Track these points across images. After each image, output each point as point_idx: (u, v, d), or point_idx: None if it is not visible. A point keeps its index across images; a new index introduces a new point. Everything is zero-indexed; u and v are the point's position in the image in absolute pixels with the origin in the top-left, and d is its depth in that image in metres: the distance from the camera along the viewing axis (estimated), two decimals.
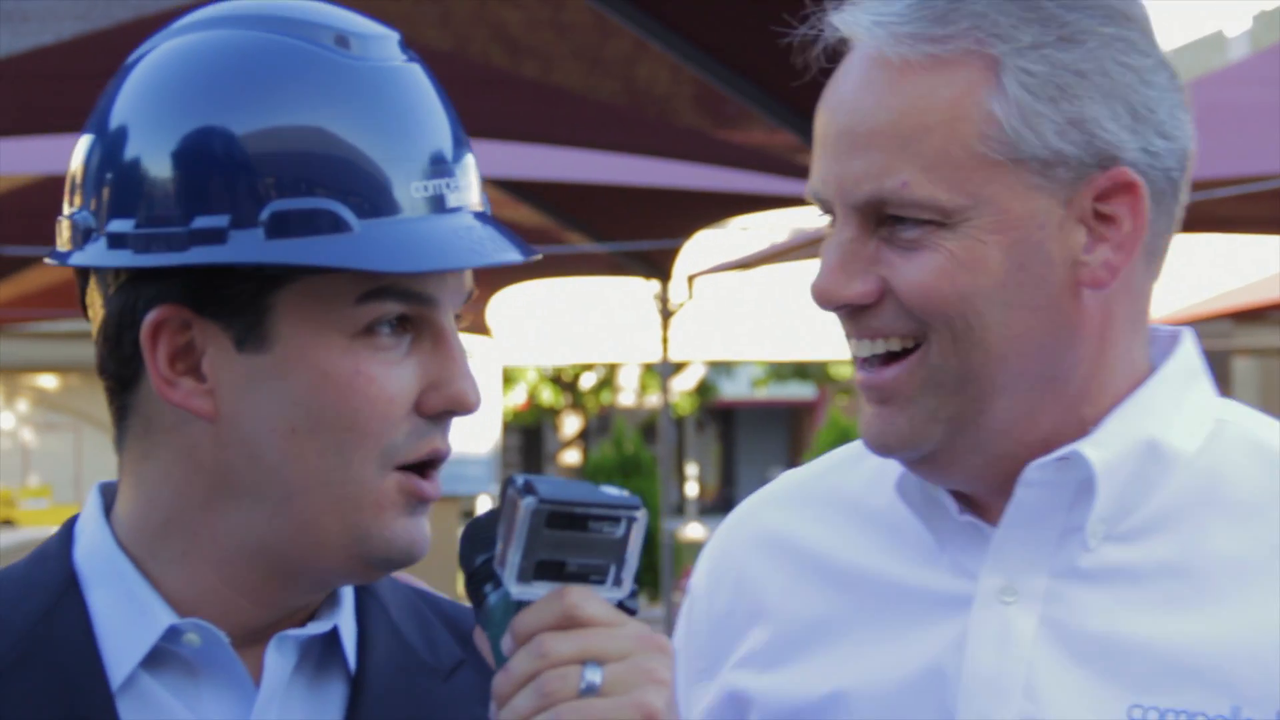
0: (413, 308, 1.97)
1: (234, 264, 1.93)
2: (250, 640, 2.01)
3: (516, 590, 1.85)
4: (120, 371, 2.00)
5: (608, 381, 38.65)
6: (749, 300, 24.92)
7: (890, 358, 2.10)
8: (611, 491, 1.88)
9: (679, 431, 36.96)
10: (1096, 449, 2.08)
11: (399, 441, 1.97)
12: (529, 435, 47.31)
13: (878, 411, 2.12)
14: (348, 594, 2.10)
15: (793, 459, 41.70)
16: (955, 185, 2.03)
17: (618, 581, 1.88)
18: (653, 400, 29.70)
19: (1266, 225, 18.23)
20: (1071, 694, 2.08)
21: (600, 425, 41.98)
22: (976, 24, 2.03)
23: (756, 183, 13.78)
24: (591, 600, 1.85)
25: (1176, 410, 2.15)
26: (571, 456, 43.08)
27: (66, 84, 8.90)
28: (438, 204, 1.98)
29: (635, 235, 16.71)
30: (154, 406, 2.00)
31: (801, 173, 12.72)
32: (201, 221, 1.92)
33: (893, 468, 2.18)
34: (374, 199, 1.94)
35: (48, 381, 38.83)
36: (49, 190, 12.22)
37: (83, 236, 1.99)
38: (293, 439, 1.95)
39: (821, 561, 2.29)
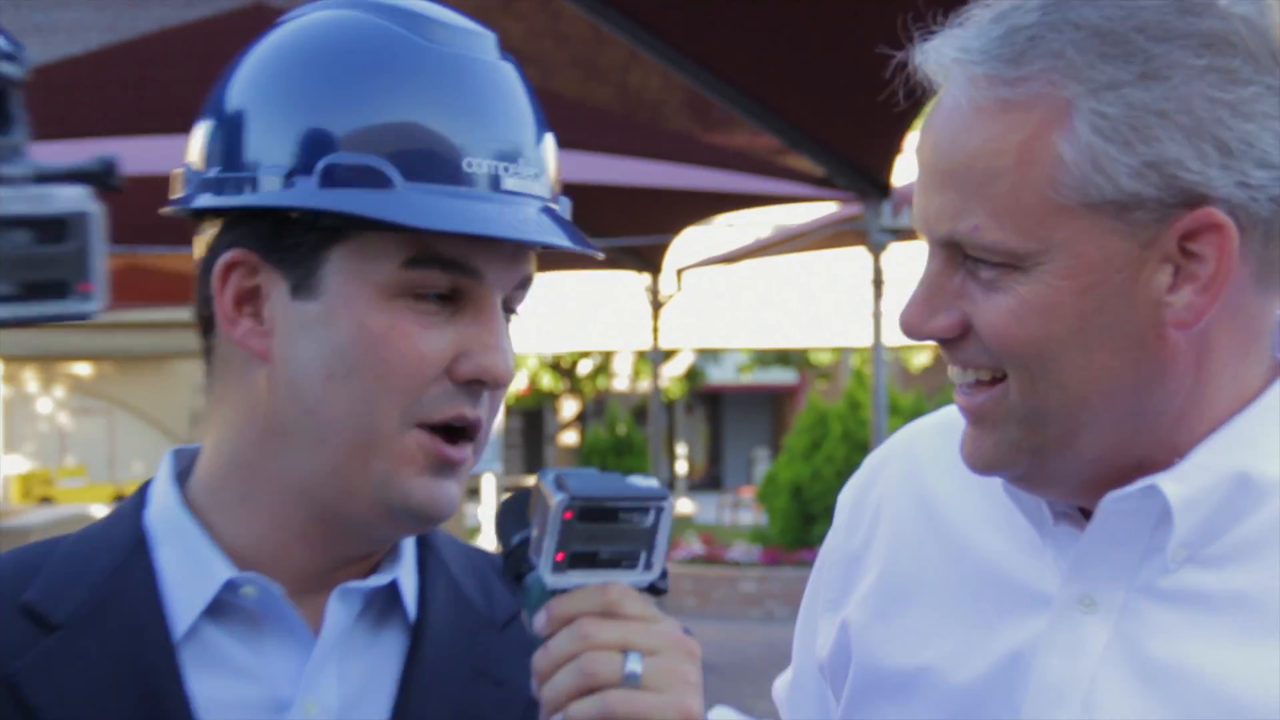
0: (458, 279, 1.96)
1: (280, 206, 1.96)
2: (310, 589, 2.02)
3: (551, 580, 1.82)
4: (202, 312, 2.04)
5: (603, 368, 38.23)
6: (734, 292, 24.58)
7: (980, 384, 2.01)
8: (640, 483, 1.84)
9: (669, 414, 36.65)
10: (1176, 483, 1.96)
11: (425, 401, 1.95)
12: (530, 417, 46.57)
13: (970, 433, 2.04)
14: (409, 549, 2.09)
15: (775, 440, 41.30)
16: (1025, 230, 1.91)
17: (648, 566, 1.85)
18: (644, 385, 29.34)
19: None
20: (1125, 712, 1.99)
21: (596, 408, 41.62)
22: (1053, 64, 1.90)
23: (741, 182, 13.71)
24: (632, 596, 1.83)
25: (1278, 435, 2.00)
26: (569, 437, 42.63)
27: (95, 91, 8.81)
28: (493, 183, 1.96)
29: (628, 231, 16.63)
30: (227, 349, 2.03)
31: (781, 173, 12.79)
32: (266, 168, 1.96)
33: None
34: (423, 165, 1.94)
35: (82, 369, 38.38)
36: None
37: (187, 186, 2.05)
38: (329, 384, 1.95)
39: (941, 517, 2.24)
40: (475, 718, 2.06)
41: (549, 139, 2.05)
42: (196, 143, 2.05)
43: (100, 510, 32.51)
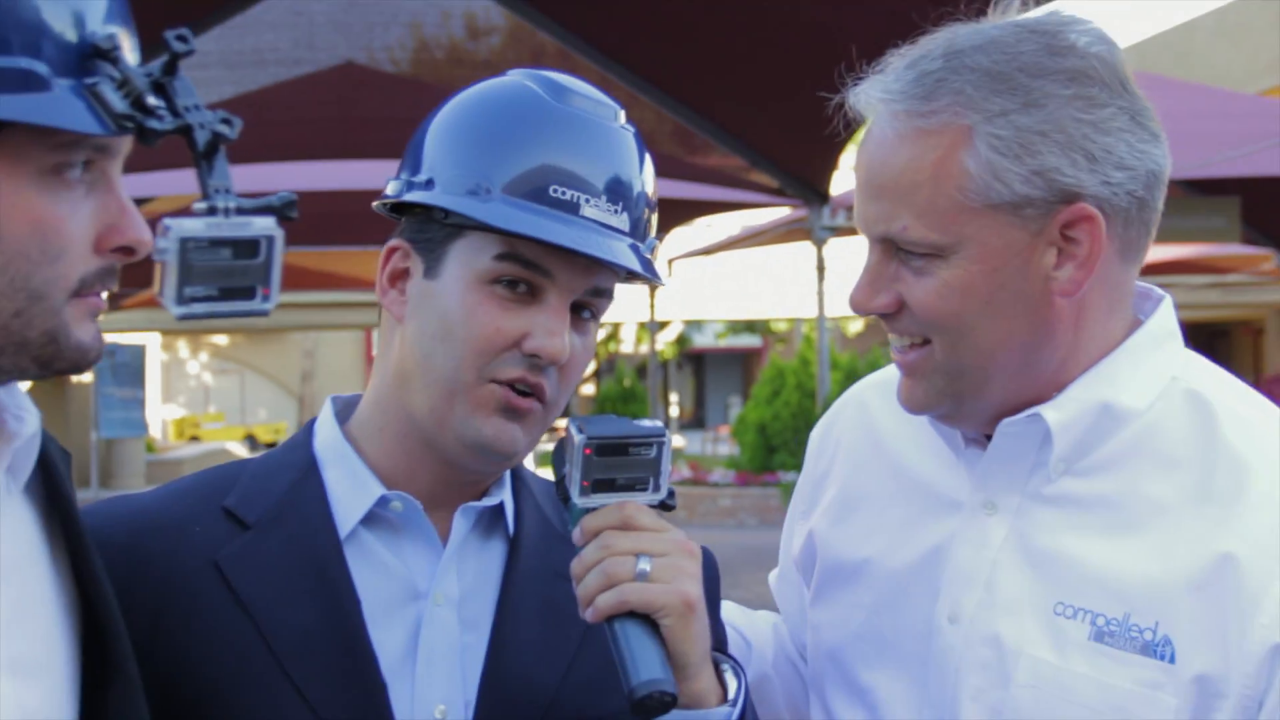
0: (534, 276, 1.94)
1: (428, 205, 1.97)
2: (437, 506, 2.01)
3: (580, 502, 1.87)
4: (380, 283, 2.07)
5: (612, 335, 38.28)
6: (712, 275, 24.67)
7: (912, 346, 2.00)
8: (644, 424, 1.89)
9: (664, 371, 36.58)
10: (1054, 411, 1.97)
11: (497, 363, 1.94)
12: None
13: (905, 384, 2.05)
14: (507, 480, 2.08)
15: (745, 389, 41.35)
16: (943, 228, 1.92)
17: (656, 488, 1.88)
18: (644, 348, 29.36)
19: None
20: (1017, 590, 2.00)
21: (608, 367, 41.52)
22: (956, 99, 1.91)
23: (716, 193, 13.66)
24: (644, 512, 1.86)
25: (1134, 373, 2.01)
26: (588, 389, 42.69)
27: (280, 114, 8.57)
28: (571, 207, 1.95)
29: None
30: (386, 315, 2.05)
31: (748, 186, 12.73)
32: (420, 176, 1.98)
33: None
34: (523, 187, 1.94)
35: (220, 340, 38.51)
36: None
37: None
38: (433, 343, 1.96)
39: (884, 446, 2.23)
40: (555, 608, 2.04)
41: (645, 190, 2.05)
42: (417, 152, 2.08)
43: (234, 445, 32.57)
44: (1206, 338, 33.74)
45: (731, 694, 1.92)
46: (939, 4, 2.08)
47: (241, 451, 31.80)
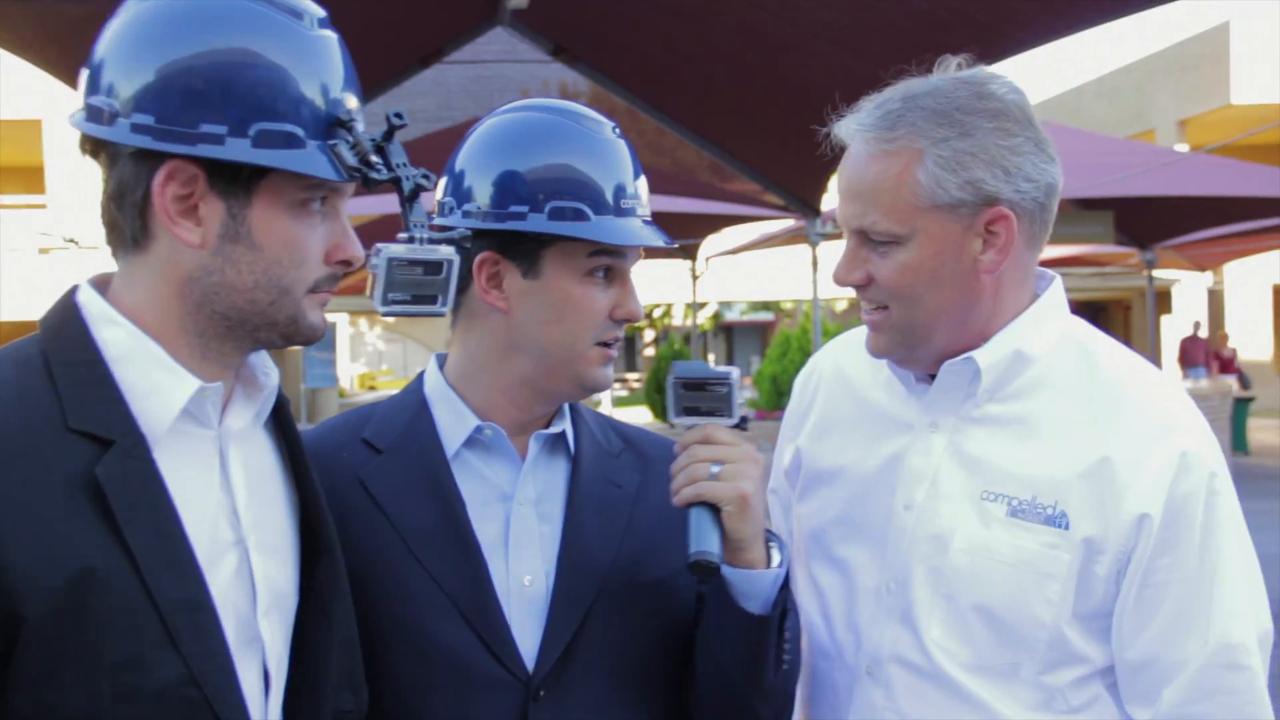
0: (614, 261, 1.97)
1: (529, 231, 1.93)
2: (517, 434, 2.02)
3: (675, 422, 1.94)
4: (460, 284, 1.96)
5: (665, 312, 38.44)
6: (738, 269, 24.80)
7: (877, 309, 2.01)
8: (718, 368, 1.92)
9: (703, 339, 36.78)
10: (982, 355, 2.00)
11: (599, 331, 1.97)
12: (627, 340, 47.16)
13: (871, 336, 2.06)
14: (567, 413, 2.08)
15: (762, 351, 41.56)
16: (901, 222, 1.94)
17: (730, 415, 1.91)
18: (689, 322, 29.52)
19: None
20: (954, 484, 2.02)
21: (662, 335, 41.69)
22: (911, 130, 1.93)
23: (739, 209, 13.69)
24: (721, 431, 1.90)
25: (1036, 330, 2.03)
26: (649, 352, 43.03)
27: (427, 156, 8.58)
28: (626, 210, 1.96)
29: (678, 236, 16.61)
30: (475, 305, 2.00)
31: (762, 204, 12.59)
32: (513, 209, 1.93)
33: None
34: (598, 203, 1.94)
35: (388, 318, 38.79)
36: (384, 223, 12.19)
37: (443, 212, 2.02)
38: (547, 325, 1.96)
39: (852, 386, 2.22)
40: (608, 505, 2.04)
41: (644, 180, 2.04)
42: (447, 191, 2.03)
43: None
44: (1090, 313, 33.94)
45: (775, 563, 1.94)
46: (898, 64, 2.09)
47: None
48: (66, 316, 1.59)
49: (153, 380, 1.56)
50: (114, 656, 1.44)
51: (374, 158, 1.58)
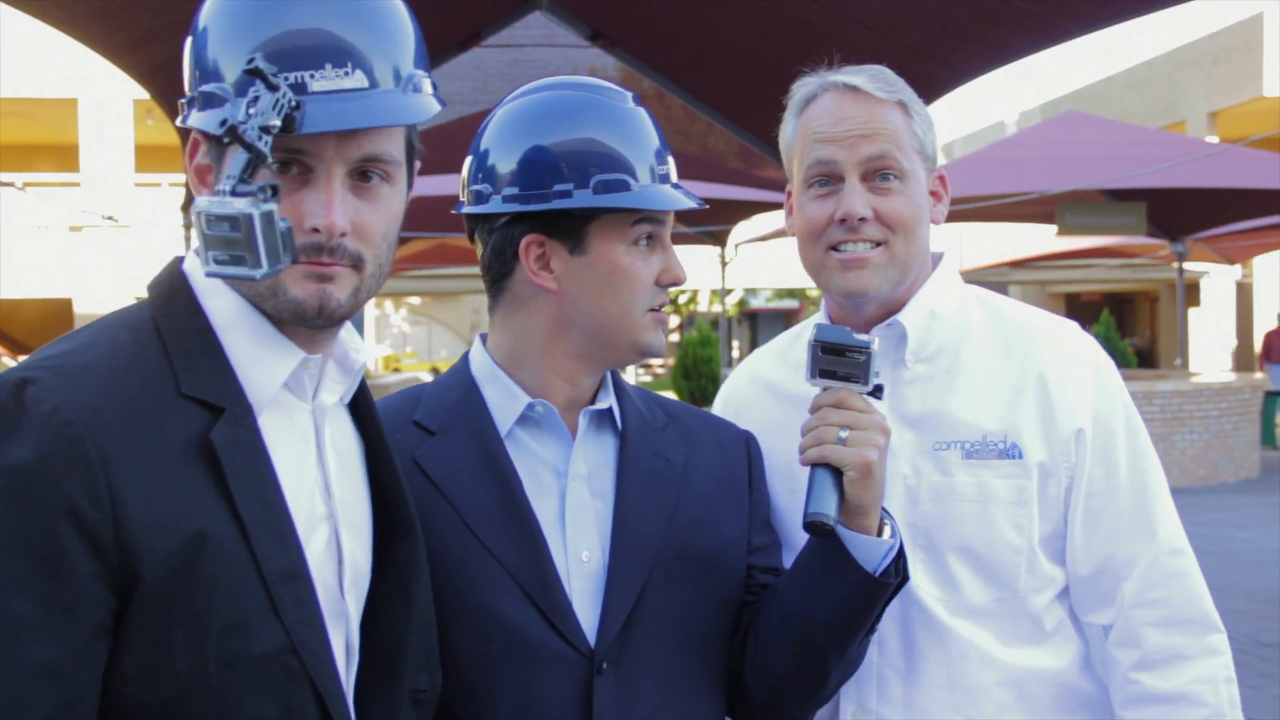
0: (655, 228, 1.96)
1: (576, 208, 1.91)
2: (566, 410, 2.00)
3: (811, 385, 1.93)
4: (501, 270, 1.98)
5: (692, 299, 38.35)
6: (765, 256, 24.70)
7: (873, 246, 2.07)
8: (860, 336, 1.91)
9: (729, 324, 36.84)
10: (906, 316, 2.12)
11: (649, 298, 1.96)
12: None
13: (858, 274, 2.09)
14: (611, 389, 2.06)
15: None
16: (907, 158, 2.07)
17: (865, 381, 1.90)
18: (716, 308, 29.48)
19: (1029, 217, 17.94)
20: (905, 443, 2.10)
21: (689, 321, 41.64)
22: (899, 89, 2.10)
23: (769, 196, 13.64)
24: (854, 397, 1.91)
25: (944, 293, 2.16)
26: (674, 337, 42.99)
27: (463, 139, 8.56)
28: (662, 177, 1.96)
29: (708, 223, 16.59)
30: (521, 288, 1.98)
31: None
32: (557, 188, 1.92)
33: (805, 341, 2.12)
34: (635, 173, 1.92)
35: (414, 301, 38.85)
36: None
37: (480, 199, 1.98)
38: (600, 299, 1.95)
39: (775, 387, 2.28)
40: (656, 478, 2.03)
41: (666, 143, 2.03)
42: (481, 177, 2.00)
43: (424, 374, 32.92)
44: (1117, 304, 33.58)
45: (888, 534, 1.96)
46: (943, 54, 2.15)
47: (429, 379, 31.16)
48: (175, 284, 1.59)
49: (258, 350, 1.57)
50: (221, 621, 1.45)
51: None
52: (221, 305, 1.58)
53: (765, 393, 2.29)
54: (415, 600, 1.73)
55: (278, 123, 1.43)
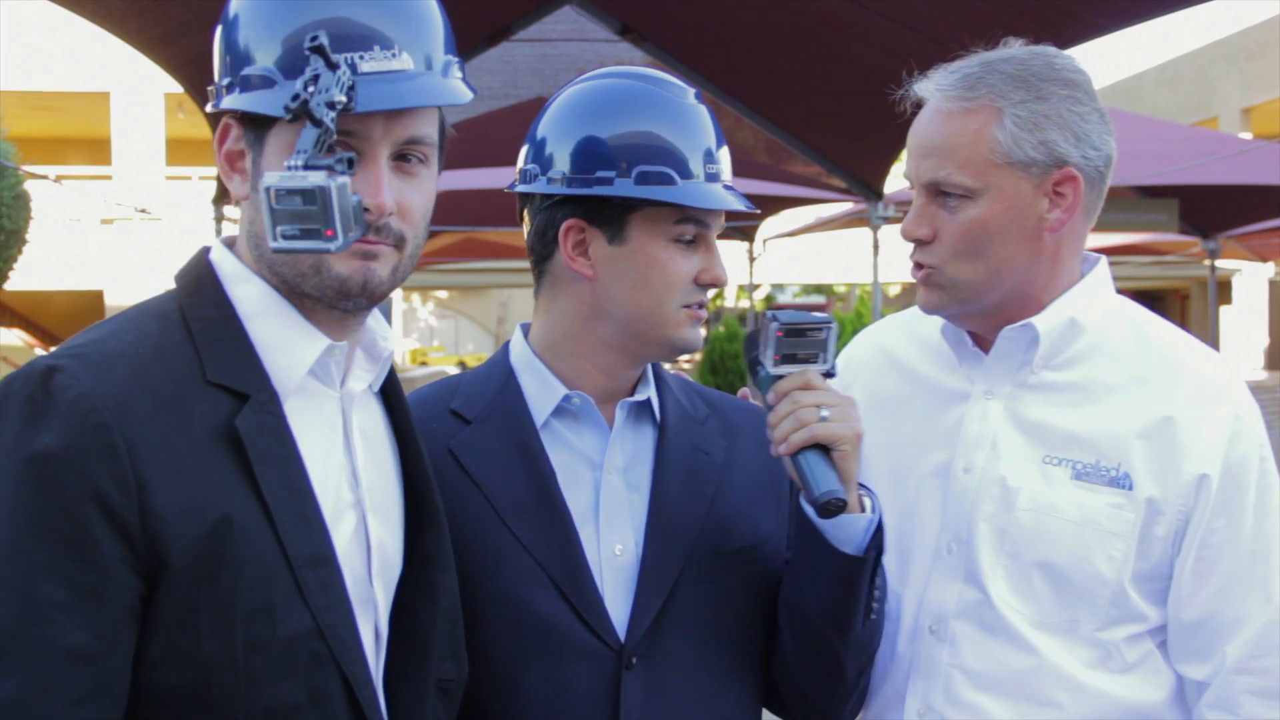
0: (699, 228, 1.94)
1: (616, 196, 1.91)
2: (604, 401, 2.01)
3: (773, 371, 1.89)
4: (543, 252, 1.98)
5: (719, 294, 38.31)
6: (793, 251, 24.69)
7: (920, 269, 2.07)
8: (818, 314, 1.89)
9: (757, 319, 36.86)
10: (1041, 321, 2.05)
11: (685, 295, 1.95)
12: None
13: (923, 291, 2.09)
14: (651, 380, 2.06)
15: None
16: (977, 176, 1.99)
17: (825, 360, 1.90)
18: (743, 303, 29.45)
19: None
20: (1014, 448, 2.06)
21: (715, 316, 41.62)
22: (990, 91, 2.00)
23: (798, 191, 13.57)
24: (818, 377, 1.88)
25: (1089, 302, 2.08)
26: (701, 332, 42.85)
27: (491, 133, 8.58)
28: (711, 176, 1.93)
29: (734, 218, 16.48)
30: (560, 272, 1.98)
31: (822, 186, 12.52)
32: (599, 174, 1.91)
33: (939, 321, 2.17)
34: (684, 169, 1.91)
35: (441, 294, 38.92)
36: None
37: (527, 179, 1.98)
38: (633, 291, 1.94)
39: (899, 363, 2.25)
40: (694, 472, 2.03)
41: (725, 148, 2.01)
42: (533, 158, 2.00)
43: (450, 368, 33.09)
44: (1147, 301, 33.33)
45: (869, 508, 1.94)
46: (955, 45, 2.14)
47: (455, 372, 31.26)
48: (201, 273, 1.61)
49: (284, 337, 1.58)
50: (248, 605, 1.46)
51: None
52: (248, 294, 1.59)
53: (890, 366, 2.27)
54: (440, 589, 1.74)
55: (343, 99, 1.44)
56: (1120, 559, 1.99)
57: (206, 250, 1.66)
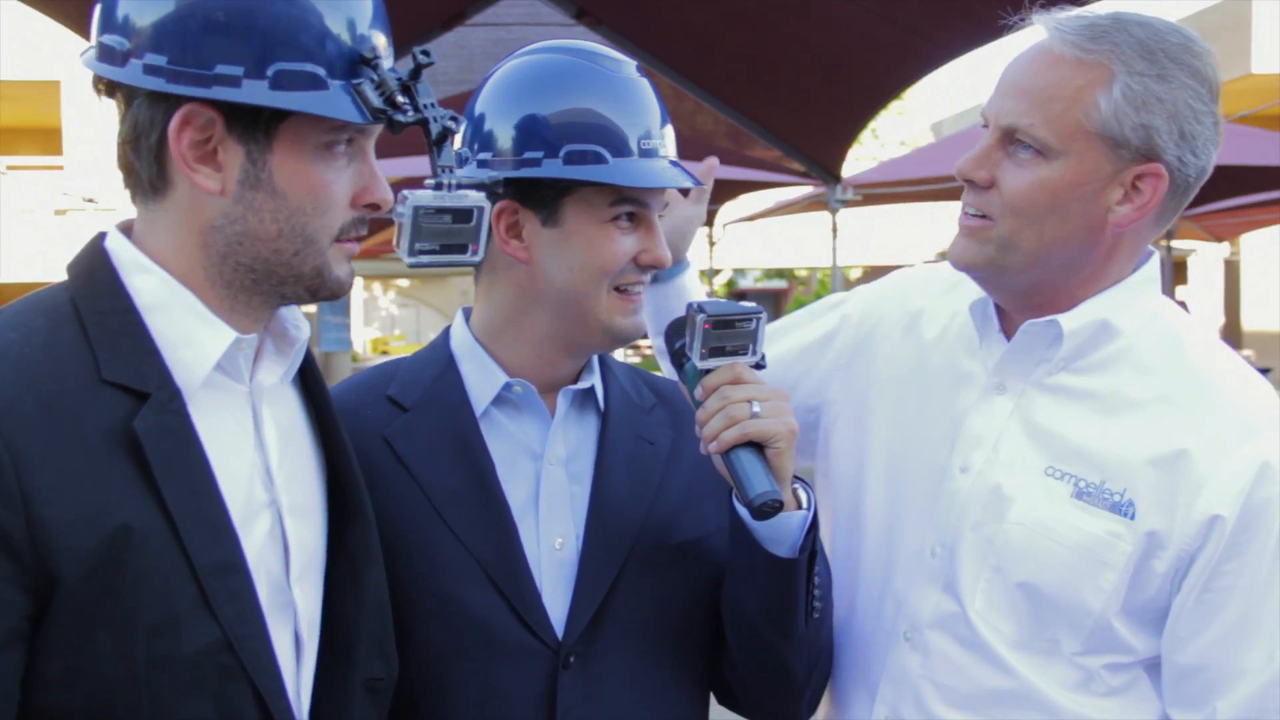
0: (637, 208, 1.88)
1: (545, 177, 1.86)
2: (546, 390, 1.96)
3: (700, 365, 1.82)
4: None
5: None
6: (754, 235, 24.73)
7: (979, 217, 1.90)
8: (746, 305, 1.83)
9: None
10: (1068, 320, 1.90)
11: (621, 276, 1.90)
12: None
13: (962, 243, 1.93)
14: (596, 366, 2.02)
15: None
16: (1061, 136, 1.82)
17: (754, 353, 1.83)
18: (705, 289, 29.71)
19: None
20: (1017, 453, 1.93)
21: None
22: (1111, 49, 1.82)
23: (759, 175, 13.56)
24: (748, 370, 1.82)
25: (1129, 304, 1.92)
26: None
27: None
28: (648, 152, 1.87)
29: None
30: (497, 257, 1.93)
31: (782, 170, 12.54)
32: (528, 155, 1.85)
33: (971, 294, 2.03)
34: (618, 147, 1.84)
35: (403, 282, 38.80)
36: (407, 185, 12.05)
37: (462, 163, 1.93)
38: (569, 273, 1.88)
39: (922, 336, 2.12)
40: (639, 463, 1.98)
41: (666, 115, 1.93)
42: (478, 133, 1.93)
43: None
44: None
45: (804, 503, 1.86)
46: (931, 31, 2.01)
47: None
48: (96, 263, 1.51)
49: (187, 331, 1.50)
50: (149, 620, 1.38)
51: (400, 98, 1.49)
52: (147, 285, 1.49)
53: (912, 335, 2.15)
54: (366, 586, 1.67)
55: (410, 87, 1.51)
56: (1109, 591, 1.85)
57: (101, 237, 1.56)
